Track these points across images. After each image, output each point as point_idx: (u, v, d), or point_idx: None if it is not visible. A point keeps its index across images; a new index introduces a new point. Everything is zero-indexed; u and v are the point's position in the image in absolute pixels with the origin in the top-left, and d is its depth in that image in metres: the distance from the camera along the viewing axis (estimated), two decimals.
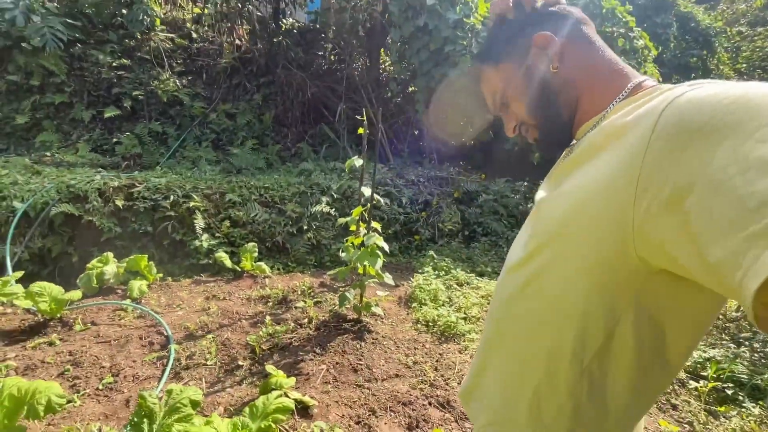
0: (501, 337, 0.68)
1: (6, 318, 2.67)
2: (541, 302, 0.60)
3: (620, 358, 0.54)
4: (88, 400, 1.97)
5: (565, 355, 0.56)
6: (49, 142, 5.13)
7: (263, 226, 3.98)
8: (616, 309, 0.52)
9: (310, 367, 2.31)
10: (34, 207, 3.23)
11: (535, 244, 0.63)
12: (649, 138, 0.44)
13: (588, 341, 0.54)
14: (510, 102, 0.71)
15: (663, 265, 0.46)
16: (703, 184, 0.38)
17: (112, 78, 5.69)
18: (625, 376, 0.55)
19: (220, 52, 6.72)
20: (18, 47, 5.23)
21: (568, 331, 0.56)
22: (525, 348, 0.62)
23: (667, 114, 0.44)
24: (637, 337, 0.52)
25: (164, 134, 5.79)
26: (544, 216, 0.63)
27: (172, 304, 2.96)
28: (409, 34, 5.75)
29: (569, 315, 0.55)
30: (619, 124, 0.52)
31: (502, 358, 0.67)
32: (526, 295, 0.63)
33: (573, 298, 0.55)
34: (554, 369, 0.58)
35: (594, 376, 0.55)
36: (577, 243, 0.54)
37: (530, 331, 0.62)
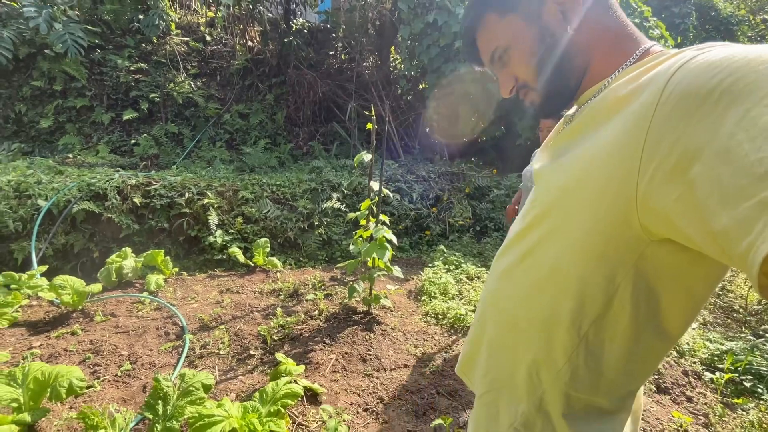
0: (498, 308, 0.69)
1: (32, 310, 2.80)
2: (539, 271, 0.60)
3: (617, 325, 0.54)
4: (107, 386, 2.05)
5: (563, 322, 0.57)
6: (72, 145, 5.33)
7: (275, 222, 4.05)
8: (616, 277, 0.52)
9: (320, 357, 2.35)
10: (57, 205, 3.37)
11: (534, 215, 0.64)
12: (656, 103, 0.43)
13: (586, 309, 0.55)
14: (512, 60, 0.64)
15: (666, 233, 0.46)
16: (711, 151, 0.37)
17: (130, 81, 5.87)
18: (620, 342, 0.55)
19: (233, 54, 6.85)
20: (41, 54, 5.46)
21: (566, 300, 0.56)
22: (523, 317, 0.63)
23: (675, 79, 0.42)
24: (634, 305, 0.53)
25: (180, 135, 5.94)
26: (543, 187, 0.63)
27: (187, 297, 3.04)
28: (418, 31, 5.75)
29: (568, 284, 0.56)
30: (624, 90, 0.51)
31: (500, 328, 0.68)
32: (525, 266, 0.63)
33: (572, 267, 0.55)
34: (552, 336, 0.58)
35: (591, 343, 0.56)
36: (578, 212, 0.53)
37: (528, 300, 0.62)
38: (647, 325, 0.54)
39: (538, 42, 0.61)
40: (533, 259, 0.62)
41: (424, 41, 5.80)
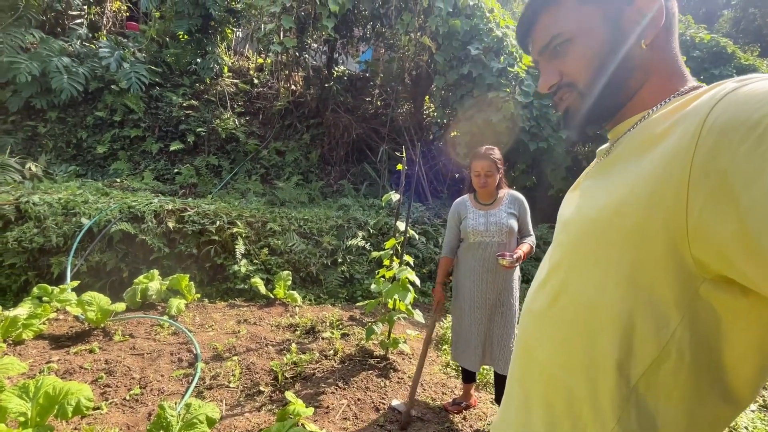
0: (532, 359, 0.62)
1: (57, 323, 2.86)
2: (576, 311, 0.54)
3: (674, 380, 0.47)
4: (114, 409, 2.01)
5: (608, 370, 0.50)
6: (121, 170, 5.71)
7: (299, 256, 4.07)
8: (670, 321, 0.46)
9: (331, 401, 2.23)
10: (98, 224, 3.54)
11: (562, 252, 0.60)
12: (699, 134, 0.41)
13: (635, 356, 0.48)
14: (570, 54, 0.58)
15: (722, 269, 0.42)
16: (760, 187, 0.36)
17: (181, 116, 6.33)
18: (679, 402, 0.47)
19: (277, 96, 7.31)
20: (108, 88, 6.04)
21: (609, 343, 0.50)
22: (561, 365, 0.56)
23: (718, 109, 0.41)
24: (694, 356, 0.46)
25: (219, 167, 6.25)
26: (572, 226, 0.60)
27: (204, 324, 3.03)
28: (453, 82, 5.96)
29: (610, 324, 0.50)
30: (664, 123, 0.49)
31: (537, 383, 0.61)
32: (559, 307, 0.58)
33: (615, 304, 0.49)
34: (596, 387, 0.51)
35: (642, 398, 0.48)
36: (619, 243, 0.49)
37: (565, 344, 0.56)
38: (712, 383, 0.47)
39: (608, 43, 0.56)
40: (567, 298, 0.56)
41: (457, 91, 5.99)
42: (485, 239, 2.12)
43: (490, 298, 2.13)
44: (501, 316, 2.13)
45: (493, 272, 2.11)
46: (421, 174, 6.35)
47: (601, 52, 0.56)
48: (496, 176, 2.14)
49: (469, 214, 2.20)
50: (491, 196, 2.20)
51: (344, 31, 6.66)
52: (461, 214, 2.24)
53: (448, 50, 5.94)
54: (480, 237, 2.13)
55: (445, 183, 6.92)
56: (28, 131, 5.67)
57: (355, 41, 6.97)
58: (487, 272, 2.11)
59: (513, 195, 2.21)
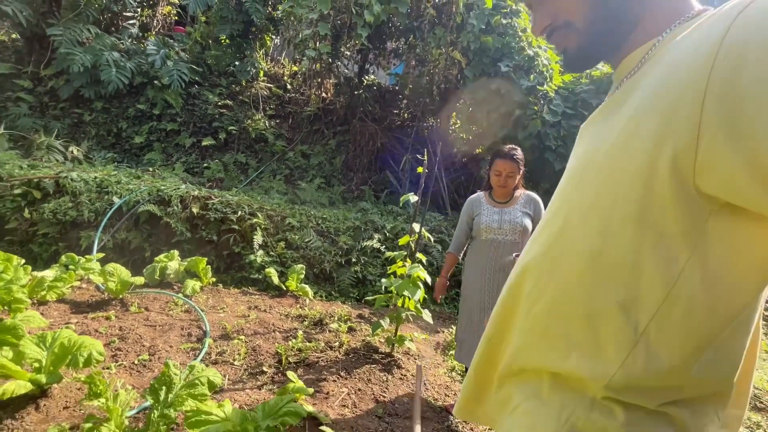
0: (524, 313, 0.58)
1: (80, 291, 2.98)
2: (575, 259, 0.52)
3: (685, 321, 0.45)
4: (122, 371, 2.06)
5: (612, 318, 0.48)
6: (154, 160, 5.97)
7: (315, 252, 4.11)
8: (678, 258, 0.44)
9: (332, 388, 2.21)
10: (127, 204, 3.71)
11: (560, 200, 0.57)
12: (715, 55, 0.39)
13: (642, 300, 0.46)
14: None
15: (728, 197, 0.41)
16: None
17: (215, 114, 6.62)
18: (688, 342, 0.46)
19: (307, 102, 7.54)
20: (151, 84, 6.39)
21: (613, 290, 0.48)
22: (558, 316, 0.53)
23: (738, 25, 0.38)
24: (706, 292, 0.45)
25: (246, 165, 6.45)
26: (573, 171, 0.58)
27: (216, 306, 3.09)
28: (481, 97, 6.01)
29: (614, 270, 0.48)
30: (674, 49, 0.46)
31: (528, 336, 0.57)
32: (553, 255, 0.55)
33: (618, 248, 0.48)
34: (598, 337, 0.49)
35: (652, 344, 0.46)
36: (622, 181, 0.47)
37: (564, 295, 0.53)
38: (726, 317, 0.46)
39: None
40: (565, 246, 0.54)
41: (484, 107, 6.02)
42: (498, 237, 2.09)
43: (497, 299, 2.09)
44: None
45: (503, 272, 2.07)
46: (442, 185, 6.36)
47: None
48: (517, 177, 2.12)
49: (483, 211, 2.18)
50: (507, 195, 2.18)
51: (377, 42, 6.85)
52: (474, 210, 2.23)
53: (478, 66, 6.01)
54: (493, 234, 2.11)
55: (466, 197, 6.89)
56: (75, 118, 6.05)
57: (387, 53, 7.15)
58: (497, 272, 2.08)
59: (529, 195, 2.19)
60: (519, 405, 0.58)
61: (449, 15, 6.02)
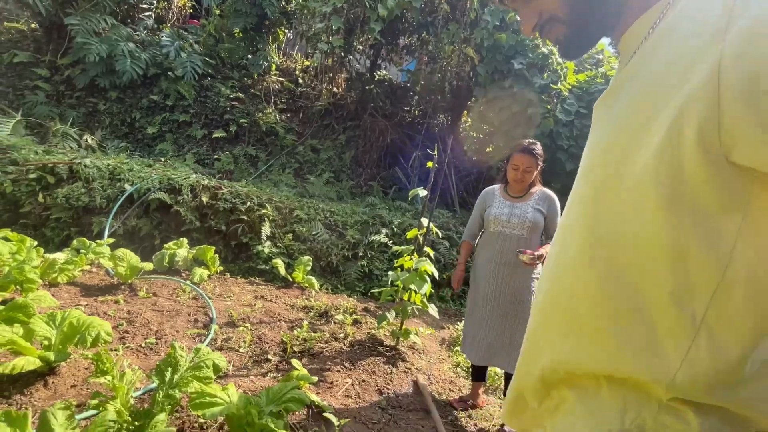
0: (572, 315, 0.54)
1: (90, 275, 3.02)
2: (610, 255, 0.48)
3: (747, 303, 0.42)
4: (129, 353, 2.08)
5: (665, 311, 0.44)
6: (166, 151, 6.03)
7: (322, 245, 4.11)
8: (723, 238, 0.41)
9: (336, 378, 2.21)
10: (138, 191, 3.75)
11: (587, 186, 0.54)
12: (728, 20, 0.38)
13: (696, 286, 0.43)
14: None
15: (760, 165, 0.39)
16: None
17: (227, 107, 6.66)
18: (754, 324, 0.43)
19: (319, 97, 7.55)
20: (165, 75, 6.45)
21: (659, 280, 0.44)
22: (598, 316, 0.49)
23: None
24: (763, 267, 0.41)
25: (256, 158, 6.48)
26: (592, 159, 0.55)
27: (223, 294, 3.10)
28: (493, 95, 5.95)
29: (651, 259, 0.44)
30: (684, 15, 0.44)
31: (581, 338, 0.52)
32: (587, 256, 0.51)
33: (655, 238, 0.44)
34: (650, 336, 0.45)
35: (714, 332, 0.43)
36: (645, 170, 0.44)
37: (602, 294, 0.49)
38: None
39: None
40: (597, 240, 0.49)
41: (496, 105, 5.96)
42: (505, 230, 2.06)
43: (505, 293, 2.05)
44: (516, 316, 2.04)
45: (510, 266, 2.04)
46: (452, 183, 6.32)
47: None
48: (534, 173, 2.08)
49: (495, 203, 2.16)
50: (522, 190, 2.14)
51: (390, 38, 6.82)
52: (487, 202, 2.20)
53: (491, 63, 5.95)
54: (500, 227, 2.08)
55: (475, 196, 6.84)
56: (90, 107, 6.13)
57: (399, 49, 7.12)
58: (504, 265, 2.05)
59: (545, 193, 2.14)
60: (575, 406, 0.53)
61: (463, 11, 5.97)
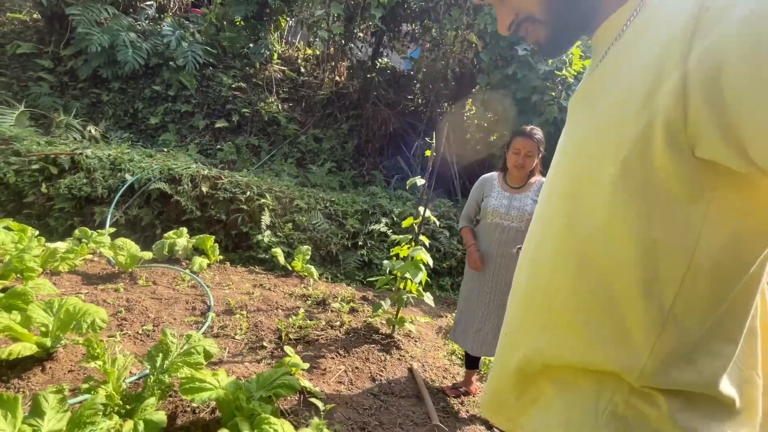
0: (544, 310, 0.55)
1: (92, 264, 3.07)
2: (581, 244, 0.49)
3: (712, 290, 0.43)
4: (126, 339, 2.13)
5: (633, 301, 0.45)
6: (169, 141, 6.06)
7: (322, 234, 4.13)
8: (691, 227, 0.42)
9: (329, 365, 2.23)
10: (139, 181, 3.78)
11: (559, 181, 0.56)
12: (697, 15, 0.39)
13: (664, 276, 0.44)
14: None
15: (721, 160, 0.40)
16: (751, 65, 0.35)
17: (229, 96, 6.65)
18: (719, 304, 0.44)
19: (321, 86, 7.50)
20: (166, 65, 6.45)
21: (628, 270, 0.45)
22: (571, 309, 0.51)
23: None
24: (729, 252, 0.43)
25: (258, 147, 6.49)
26: (565, 149, 0.56)
27: (222, 283, 3.14)
28: (496, 82, 5.85)
29: (622, 250, 0.45)
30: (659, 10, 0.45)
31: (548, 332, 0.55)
32: (556, 244, 0.53)
33: (626, 228, 0.45)
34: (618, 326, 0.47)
35: (680, 321, 0.44)
36: (615, 162, 0.45)
37: (574, 285, 0.50)
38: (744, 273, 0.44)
39: None
40: (570, 233, 0.51)
41: (500, 92, 5.87)
42: (503, 222, 2.04)
43: (502, 285, 2.04)
44: None
45: (507, 258, 2.02)
46: (454, 171, 6.27)
47: None
48: (535, 159, 2.03)
49: (493, 193, 2.12)
50: (522, 180, 2.09)
51: (392, 24, 6.72)
52: (485, 190, 2.17)
53: (494, 49, 5.84)
54: (499, 219, 2.05)
55: None
56: (93, 98, 6.17)
57: (401, 36, 7.01)
58: (501, 257, 2.03)
59: (543, 183, 2.11)
60: (552, 400, 0.55)
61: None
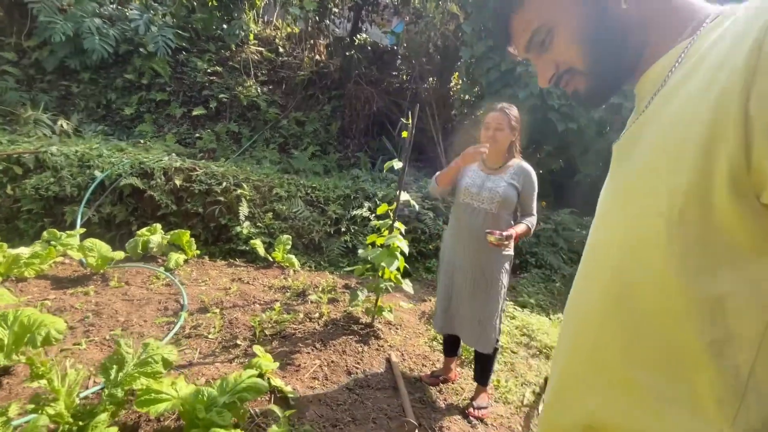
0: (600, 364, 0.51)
1: (63, 267, 2.99)
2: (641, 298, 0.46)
3: None
4: (92, 346, 2.07)
5: (701, 362, 0.40)
6: (146, 132, 5.86)
7: (303, 222, 4.04)
8: (764, 286, 0.38)
9: (304, 360, 2.20)
10: (110, 177, 3.66)
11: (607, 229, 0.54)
12: (759, 51, 0.35)
13: (737, 337, 0.39)
14: (555, 42, 0.56)
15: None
16: None
17: (205, 82, 6.40)
18: None
19: (301, 66, 7.23)
20: (137, 52, 6.17)
21: (691, 327, 0.41)
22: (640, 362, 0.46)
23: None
24: None
25: (239, 134, 6.31)
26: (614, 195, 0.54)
27: (198, 279, 3.08)
28: (480, 54, 5.64)
29: (684, 305, 0.41)
30: (709, 54, 0.43)
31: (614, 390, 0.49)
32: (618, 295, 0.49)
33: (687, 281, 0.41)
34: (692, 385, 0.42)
35: (763, 387, 0.39)
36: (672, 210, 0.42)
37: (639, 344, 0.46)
38: None
39: (590, 19, 0.53)
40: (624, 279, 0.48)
41: (484, 64, 5.67)
42: (473, 203, 1.95)
43: (474, 267, 1.97)
44: (484, 292, 1.96)
45: (479, 240, 1.94)
46: (440, 149, 6.14)
47: (584, 29, 0.54)
48: (508, 134, 1.92)
49: (469, 172, 2.03)
50: (499, 160, 1.99)
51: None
52: (465, 167, 2.05)
53: (477, 20, 5.61)
54: (470, 199, 1.97)
55: None
56: (63, 90, 5.93)
57: (380, 10, 6.71)
58: (472, 239, 1.95)
59: (521, 166, 1.98)
60: None
61: None
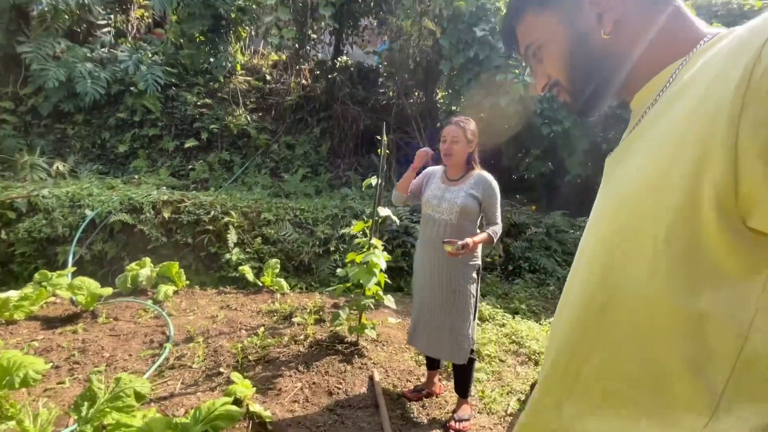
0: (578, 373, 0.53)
1: (54, 306, 3.05)
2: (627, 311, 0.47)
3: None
4: (76, 384, 2.10)
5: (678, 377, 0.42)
6: (140, 167, 6.02)
7: (292, 245, 4.09)
8: (745, 304, 0.39)
9: (286, 384, 2.20)
10: (100, 215, 3.75)
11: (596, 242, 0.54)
12: (749, 77, 0.36)
13: (716, 355, 0.40)
14: (545, 58, 0.62)
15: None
16: None
17: (195, 114, 6.58)
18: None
19: (288, 91, 7.41)
20: (128, 91, 6.38)
21: (671, 344, 0.42)
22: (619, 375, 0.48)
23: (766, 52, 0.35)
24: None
25: (231, 162, 6.43)
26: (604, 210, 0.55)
27: (187, 309, 3.12)
28: (459, 66, 5.75)
29: (666, 322, 0.43)
30: (701, 74, 0.44)
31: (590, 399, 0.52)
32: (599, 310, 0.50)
33: (667, 297, 0.42)
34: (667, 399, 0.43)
35: (735, 404, 0.40)
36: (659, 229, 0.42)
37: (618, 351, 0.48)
38: None
39: (572, 44, 0.58)
40: (609, 292, 0.49)
41: (464, 75, 5.77)
42: (434, 214, 1.99)
43: (441, 279, 1.99)
44: (453, 303, 1.98)
45: (442, 251, 1.97)
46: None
47: (567, 52, 0.58)
48: (464, 146, 1.98)
49: (432, 184, 2.09)
50: (458, 171, 2.05)
51: (349, 20, 6.61)
52: (429, 180, 2.13)
53: (453, 34, 5.73)
54: (431, 210, 2.01)
55: None
56: (59, 133, 6.12)
57: (360, 31, 6.90)
58: (436, 250, 1.98)
59: (481, 176, 2.03)
60: None
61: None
